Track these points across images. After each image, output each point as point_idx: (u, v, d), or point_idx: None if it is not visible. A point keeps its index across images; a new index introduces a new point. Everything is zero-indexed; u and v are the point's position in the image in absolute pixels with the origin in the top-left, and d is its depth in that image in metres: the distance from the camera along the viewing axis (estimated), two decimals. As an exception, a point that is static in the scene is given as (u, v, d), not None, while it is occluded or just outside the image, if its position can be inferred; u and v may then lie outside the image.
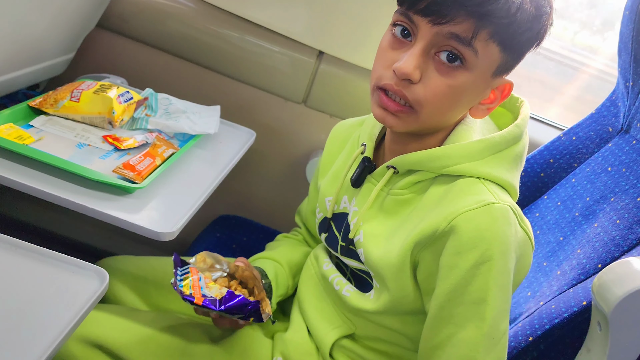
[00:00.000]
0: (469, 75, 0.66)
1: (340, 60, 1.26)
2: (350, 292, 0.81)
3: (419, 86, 0.66)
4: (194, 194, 0.89)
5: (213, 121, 1.05)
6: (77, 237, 1.43)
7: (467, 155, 0.70)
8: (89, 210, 0.77)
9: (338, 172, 0.86)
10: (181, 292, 0.73)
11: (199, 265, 0.81)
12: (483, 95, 0.70)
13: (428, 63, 0.66)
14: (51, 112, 0.94)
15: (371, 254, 0.75)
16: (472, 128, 0.74)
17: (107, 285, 0.63)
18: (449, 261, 0.67)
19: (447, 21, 0.63)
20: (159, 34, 1.26)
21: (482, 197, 0.68)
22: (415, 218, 0.72)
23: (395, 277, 0.73)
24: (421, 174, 0.73)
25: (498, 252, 0.66)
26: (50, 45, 1.06)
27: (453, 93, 0.67)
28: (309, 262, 0.92)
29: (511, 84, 0.71)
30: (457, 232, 0.66)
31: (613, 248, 0.86)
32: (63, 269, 0.64)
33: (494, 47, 0.65)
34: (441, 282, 0.69)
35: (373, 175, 0.78)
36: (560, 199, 1.05)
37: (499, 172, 0.71)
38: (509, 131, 0.73)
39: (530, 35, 0.67)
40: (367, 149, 0.80)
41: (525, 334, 0.82)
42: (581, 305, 0.78)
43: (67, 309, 0.59)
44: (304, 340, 0.85)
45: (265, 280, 0.87)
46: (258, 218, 1.35)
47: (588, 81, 1.74)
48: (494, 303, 0.67)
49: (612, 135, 1.06)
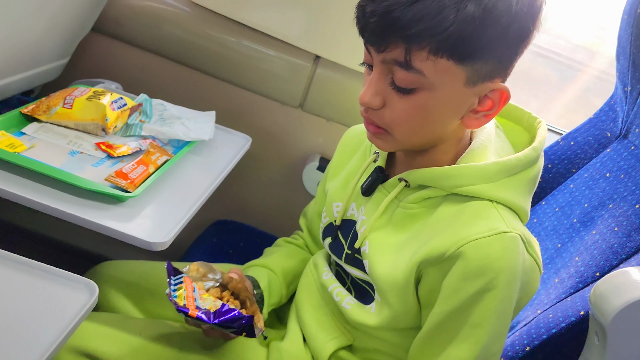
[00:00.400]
0: (428, 93, 0.65)
1: (337, 65, 1.25)
2: (350, 305, 0.80)
3: (385, 111, 0.68)
4: (188, 202, 0.88)
5: (208, 127, 1.04)
6: (71, 242, 1.43)
7: (481, 176, 0.70)
8: (80, 220, 0.77)
9: (348, 179, 0.85)
10: (176, 303, 0.73)
11: (192, 275, 0.80)
12: (467, 105, 0.68)
13: (388, 88, 0.67)
14: (44, 119, 0.93)
15: (376, 266, 0.75)
16: (487, 147, 0.73)
17: (97, 298, 0.62)
18: (454, 284, 0.68)
19: (384, 48, 0.64)
20: (155, 38, 1.26)
21: (494, 225, 0.67)
22: (423, 235, 0.72)
23: (400, 292, 0.72)
24: (433, 190, 0.72)
25: (504, 281, 0.67)
26: (45, 51, 1.05)
27: (419, 112, 0.67)
28: (308, 270, 0.91)
29: (505, 90, 0.68)
30: (466, 259, 0.66)
31: (611, 256, 0.85)
32: (52, 281, 0.63)
33: (445, 62, 0.63)
34: (443, 302, 0.69)
35: (384, 186, 0.78)
36: (558, 205, 1.04)
37: (512, 196, 0.71)
38: (525, 154, 0.72)
39: (492, 36, 0.63)
40: (380, 158, 0.80)
41: (523, 344, 0.81)
42: (579, 315, 0.77)
43: (57, 322, 0.59)
44: (300, 351, 0.84)
45: (257, 290, 0.86)
46: (255, 223, 1.34)
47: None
48: (491, 328, 0.68)
49: (610, 140, 1.05)
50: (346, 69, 1.25)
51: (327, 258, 0.90)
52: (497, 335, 0.70)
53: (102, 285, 0.93)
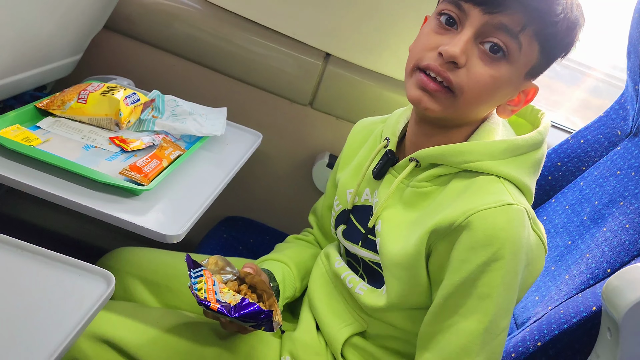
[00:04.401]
0: (509, 68, 0.69)
1: (347, 63, 1.25)
2: (363, 291, 0.81)
3: (463, 71, 0.69)
4: (201, 196, 0.89)
5: (220, 123, 1.05)
6: (82, 238, 1.44)
7: (489, 153, 0.73)
8: (96, 213, 0.77)
9: (360, 165, 0.87)
10: (197, 295, 0.74)
11: (211, 268, 0.81)
12: (513, 94, 0.73)
13: (473, 50, 0.69)
14: (58, 113, 0.94)
15: (387, 243, 0.76)
16: (495, 130, 0.76)
17: (114, 288, 0.63)
18: (461, 255, 0.69)
19: (499, 11, 0.66)
20: (166, 36, 1.26)
21: (501, 197, 0.70)
22: (434, 210, 0.74)
23: (411, 266, 0.74)
24: (443, 167, 0.75)
25: (509, 252, 0.68)
26: (58, 47, 1.06)
27: (493, 83, 0.70)
28: (319, 261, 0.92)
29: (536, 89, 0.74)
30: (473, 228, 0.68)
31: (622, 253, 0.85)
32: (70, 271, 0.64)
33: (535, 46, 0.68)
34: (451, 274, 0.71)
35: (395, 168, 0.80)
36: (568, 202, 1.04)
37: (518, 174, 0.73)
38: (531, 136, 0.75)
39: (566, 42, 0.70)
40: (391, 142, 0.82)
41: (534, 339, 0.81)
42: (590, 310, 0.77)
43: (74, 312, 0.59)
44: (313, 339, 0.85)
45: (273, 283, 0.87)
46: (264, 219, 1.34)
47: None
48: (498, 300, 0.69)
49: (621, 138, 1.05)
50: (356, 66, 1.25)
51: (338, 249, 0.91)
52: (504, 309, 0.70)
53: (118, 271, 0.94)
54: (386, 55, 1.24)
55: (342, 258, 0.89)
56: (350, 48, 1.24)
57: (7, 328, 0.57)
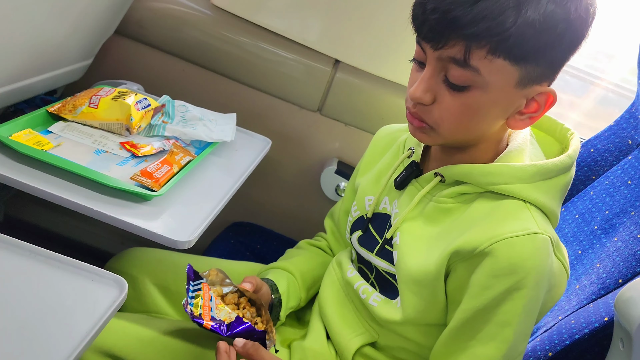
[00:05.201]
0: (481, 92, 0.67)
1: (356, 69, 1.25)
2: (377, 302, 0.81)
3: (434, 107, 0.69)
4: (211, 201, 0.89)
5: (229, 129, 1.05)
6: (89, 242, 1.44)
7: (518, 176, 0.71)
8: (107, 218, 0.77)
9: (381, 173, 0.87)
10: (191, 312, 0.75)
11: (212, 279, 0.81)
12: (516, 106, 0.70)
13: (440, 85, 0.68)
14: (70, 118, 0.94)
15: (405, 257, 0.76)
16: (524, 151, 0.75)
17: (126, 294, 0.62)
18: (483, 281, 0.69)
19: (443, 44, 0.65)
20: (176, 41, 1.27)
21: (527, 225, 0.69)
22: (457, 229, 0.73)
23: (430, 284, 0.73)
24: (469, 186, 0.74)
25: (533, 281, 0.68)
26: (68, 52, 1.07)
27: (468, 110, 0.68)
28: (331, 268, 0.92)
29: (552, 93, 0.69)
30: (497, 256, 0.67)
31: (634, 263, 0.84)
32: (82, 276, 0.64)
33: (501, 62, 0.64)
34: (471, 299, 0.70)
35: (418, 180, 0.79)
36: (578, 212, 1.03)
37: (545, 199, 0.72)
38: (561, 160, 0.74)
39: (548, 41, 0.64)
40: (415, 153, 0.82)
41: (545, 349, 0.81)
42: (602, 320, 0.77)
43: (87, 318, 0.59)
44: (323, 348, 0.84)
45: (275, 295, 0.87)
46: (272, 225, 1.34)
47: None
48: (519, 327, 0.69)
49: (631, 148, 1.05)
50: (365, 73, 1.25)
51: (350, 256, 0.91)
52: (524, 335, 0.70)
53: (129, 275, 0.94)
54: (395, 61, 1.24)
55: (354, 265, 0.89)
56: (359, 55, 1.24)
57: (17, 334, 0.57)
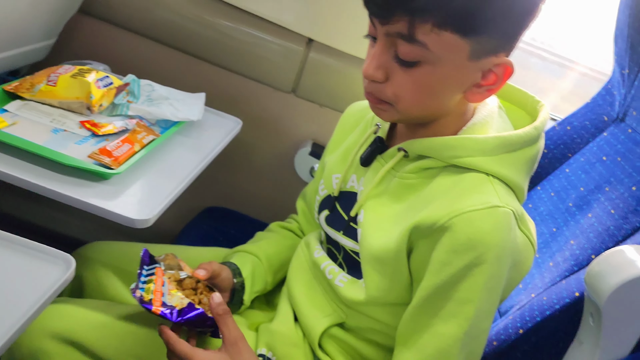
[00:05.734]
0: (432, 68, 0.64)
1: (330, 48, 1.23)
2: (343, 282, 0.79)
3: (387, 85, 0.67)
4: (174, 181, 0.86)
5: (197, 108, 1.02)
6: (58, 229, 1.40)
7: (481, 149, 0.69)
8: (62, 197, 0.74)
9: (348, 150, 0.85)
10: (140, 297, 0.72)
11: (169, 263, 0.78)
12: (470, 79, 0.67)
13: (391, 62, 0.66)
14: (27, 96, 0.90)
15: (368, 235, 0.74)
16: (488, 123, 0.72)
17: (74, 271, 0.60)
18: (442, 257, 0.66)
19: (388, 20, 0.63)
20: (145, 21, 1.23)
21: (488, 199, 0.66)
22: (418, 205, 0.71)
23: (392, 262, 0.71)
24: (431, 160, 0.71)
25: (493, 257, 0.65)
26: (29, 30, 1.03)
27: (422, 86, 0.66)
28: (300, 250, 0.90)
29: (509, 64, 0.67)
30: (456, 231, 0.65)
31: (607, 238, 0.83)
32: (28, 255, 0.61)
33: (449, 35, 0.62)
34: (431, 276, 0.68)
35: (383, 156, 0.77)
36: (554, 189, 1.02)
37: (509, 172, 0.70)
38: (526, 132, 0.71)
39: (497, 11, 0.62)
40: (381, 129, 0.80)
41: (516, 327, 0.79)
42: (573, 296, 0.75)
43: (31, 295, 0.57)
44: (290, 331, 0.82)
45: (237, 278, 0.85)
46: (246, 210, 1.32)
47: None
48: (480, 304, 0.67)
49: (607, 124, 1.03)
50: (340, 52, 1.23)
51: (318, 237, 0.88)
52: (486, 312, 0.68)
53: (92, 265, 0.91)
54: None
55: (322, 246, 0.86)
56: (333, 33, 1.21)
57: None
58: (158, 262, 0.78)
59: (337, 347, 0.81)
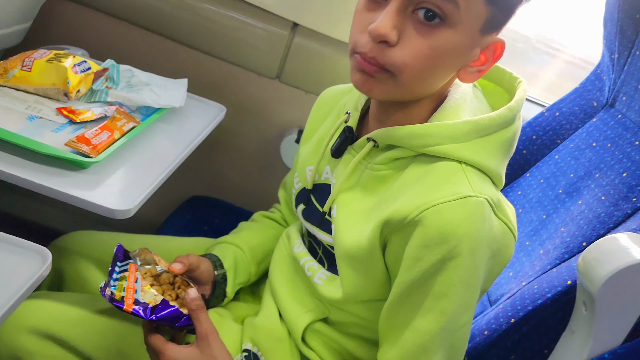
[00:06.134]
0: (452, 33, 0.61)
1: (315, 33, 1.20)
2: (322, 280, 0.76)
3: (397, 49, 0.61)
4: (156, 170, 0.83)
5: (179, 94, 0.99)
6: (35, 219, 1.37)
7: (451, 136, 0.65)
8: (37, 187, 0.71)
9: (320, 141, 0.81)
10: (111, 295, 0.69)
11: (144, 257, 0.76)
12: (471, 55, 0.64)
13: (406, 23, 0.61)
14: (1, 82, 0.87)
15: (340, 232, 0.71)
16: (461, 107, 0.68)
17: (50, 265, 0.57)
18: (414, 252, 0.64)
19: None
20: (125, 4, 1.19)
21: (458, 189, 0.63)
22: (389, 198, 0.67)
23: (365, 258, 0.69)
24: (401, 150, 0.68)
25: (467, 249, 0.62)
26: (3, 13, 0.99)
27: (436, 54, 0.61)
28: (281, 242, 0.87)
29: (502, 43, 0.65)
30: (426, 225, 0.62)
31: (598, 225, 0.82)
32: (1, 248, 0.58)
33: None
34: (405, 272, 0.65)
35: (353, 147, 0.73)
36: (543, 176, 1.01)
37: (483, 158, 0.66)
38: (499, 114, 0.67)
39: None
40: (352, 118, 0.75)
41: (507, 316, 0.78)
42: (565, 284, 0.74)
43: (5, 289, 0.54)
44: (275, 325, 0.80)
45: (218, 270, 0.83)
46: (231, 199, 1.29)
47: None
48: (456, 298, 0.64)
49: (597, 110, 1.02)
50: (325, 37, 1.20)
51: (300, 230, 0.86)
52: (465, 305, 0.65)
53: (71, 256, 0.89)
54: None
55: (304, 239, 0.84)
56: (318, 17, 1.18)
57: None
58: (132, 257, 0.75)
59: (321, 342, 0.79)
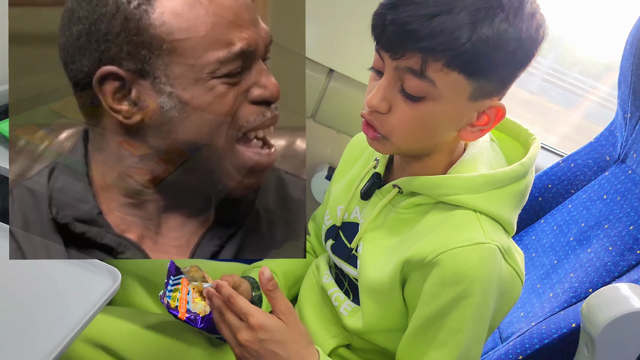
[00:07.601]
0: (434, 104, 0.68)
1: (349, 79, 1.29)
2: (347, 311, 0.84)
3: (389, 116, 0.70)
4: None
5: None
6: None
7: (467, 187, 0.73)
8: None
9: (351, 182, 0.89)
10: (168, 304, 0.78)
11: (192, 275, 0.85)
12: (468, 118, 0.72)
13: (396, 95, 0.69)
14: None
15: (365, 266, 0.79)
16: (478, 160, 0.76)
17: (119, 284, 0.66)
18: (432, 289, 0.72)
19: (400, 56, 0.67)
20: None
21: (473, 235, 0.70)
22: (410, 239, 0.75)
23: (386, 293, 0.76)
24: (423, 197, 0.76)
25: (479, 289, 0.70)
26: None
27: (421, 121, 0.70)
28: (311, 272, 0.94)
29: (502, 107, 0.72)
30: (444, 266, 0.70)
31: (604, 273, 0.88)
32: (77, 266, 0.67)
33: (455, 75, 0.66)
34: (423, 306, 0.73)
35: (381, 191, 0.82)
36: (556, 223, 1.08)
37: (496, 208, 0.74)
38: (513, 169, 0.75)
39: (500, 58, 0.66)
40: (380, 164, 0.84)
41: (516, 353, 0.85)
42: (570, 327, 0.81)
43: (80, 306, 0.62)
44: None
45: (255, 292, 0.90)
46: (262, 228, 1.37)
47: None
48: (469, 333, 0.72)
49: (609, 164, 1.09)
50: (358, 83, 1.29)
51: (328, 261, 0.93)
52: (475, 340, 0.73)
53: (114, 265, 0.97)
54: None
55: (331, 271, 0.91)
56: (353, 65, 1.28)
57: (12, 319, 0.59)
58: (183, 273, 0.84)
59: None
